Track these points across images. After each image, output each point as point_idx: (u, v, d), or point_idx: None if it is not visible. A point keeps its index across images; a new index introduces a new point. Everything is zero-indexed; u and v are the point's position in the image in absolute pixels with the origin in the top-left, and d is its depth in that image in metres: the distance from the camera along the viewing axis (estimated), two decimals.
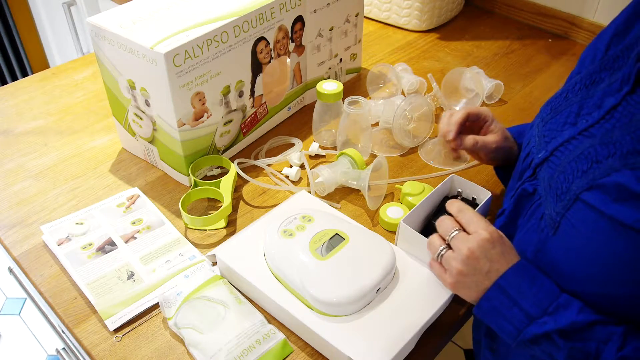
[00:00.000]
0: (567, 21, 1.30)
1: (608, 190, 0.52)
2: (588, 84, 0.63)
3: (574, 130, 0.60)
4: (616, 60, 0.61)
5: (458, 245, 0.62)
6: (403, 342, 0.62)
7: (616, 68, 0.60)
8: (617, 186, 0.51)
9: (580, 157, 0.57)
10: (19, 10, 2.17)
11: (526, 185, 0.65)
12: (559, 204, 0.57)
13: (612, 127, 0.56)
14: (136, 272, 0.75)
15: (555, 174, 0.59)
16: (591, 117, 0.59)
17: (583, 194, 0.54)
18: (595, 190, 0.53)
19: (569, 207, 0.55)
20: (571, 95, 0.64)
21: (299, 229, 0.71)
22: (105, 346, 0.67)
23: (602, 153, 0.54)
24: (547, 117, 0.66)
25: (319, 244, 0.69)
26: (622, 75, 0.58)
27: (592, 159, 0.55)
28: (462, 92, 1.07)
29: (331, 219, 0.73)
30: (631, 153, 0.51)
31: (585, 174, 0.55)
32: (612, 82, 0.59)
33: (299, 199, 0.80)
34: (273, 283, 0.68)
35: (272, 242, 0.70)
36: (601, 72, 0.62)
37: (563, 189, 0.57)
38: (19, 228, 0.82)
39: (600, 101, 0.59)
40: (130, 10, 0.83)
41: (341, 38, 1.08)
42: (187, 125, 0.83)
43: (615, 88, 0.58)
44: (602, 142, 0.55)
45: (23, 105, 1.07)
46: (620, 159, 0.52)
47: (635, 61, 0.57)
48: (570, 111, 0.63)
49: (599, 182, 0.53)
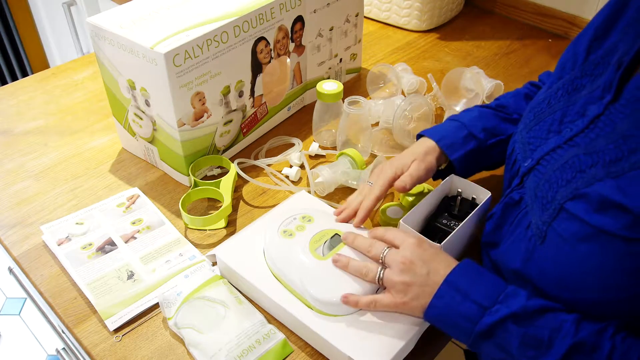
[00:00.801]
0: (567, 21, 1.30)
1: (590, 200, 0.52)
2: (570, 90, 0.63)
3: (559, 139, 0.61)
4: (597, 67, 0.61)
5: (392, 258, 0.63)
6: (403, 341, 0.62)
7: (597, 74, 0.60)
8: (599, 197, 0.51)
9: (565, 166, 0.57)
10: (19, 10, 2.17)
11: (514, 194, 0.65)
12: (545, 213, 0.57)
13: (596, 137, 0.56)
14: (136, 272, 0.75)
15: (540, 182, 0.60)
16: (575, 125, 0.60)
17: (567, 203, 0.55)
18: (579, 200, 0.54)
19: (554, 216, 0.56)
20: (554, 102, 0.64)
21: (298, 229, 0.71)
22: (105, 346, 0.67)
23: (585, 162, 0.55)
24: (531, 123, 0.66)
25: (319, 243, 0.69)
26: (603, 82, 0.58)
27: (576, 169, 0.56)
28: (462, 92, 1.07)
29: (331, 219, 0.73)
30: (613, 162, 0.52)
31: (570, 184, 0.55)
32: (593, 89, 0.60)
33: (299, 199, 0.80)
34: (273, 283, 0.68)
35: (272, 242, 0.70)
36: (582, 78, 0.62)
37: (548, 198, 0.58)
38: (19, 228, 0.82)
39: (583, 109, 0.60)
40: (130, 10, 0.83)
41: (341, 38, 1.08)
42: (187, 125, 0.83)
43: (597, 95, 0.59)
44: (586, 152, 0.56)
45: (23, 105, 1.07)
46: (603, 168, 0.53)
47: (615, 69, 0.57)
48: (554, 118, 0.63)
49: (582, 191, 0.53)
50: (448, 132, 0.77)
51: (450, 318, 0.59)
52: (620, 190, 0.50)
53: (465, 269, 0.61)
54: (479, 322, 0.57)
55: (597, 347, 0.52)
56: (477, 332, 0.57)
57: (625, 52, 0.57)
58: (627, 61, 0.56)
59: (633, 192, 0.49)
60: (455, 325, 0.59)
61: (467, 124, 0.77)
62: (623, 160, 0.51)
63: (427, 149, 0.76)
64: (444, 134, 0.77)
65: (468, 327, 0.57)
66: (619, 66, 0.57)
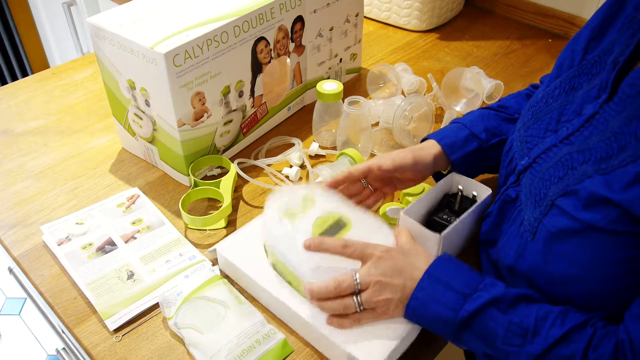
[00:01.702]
0: (567, 21, 1.30)
1: (579, 197, 0.53)
2: (567, 90, 0.63)
3: (555, 138, 0.61)
4: (594, 66, 0.62)
5: (365, 281, 0.61)
6: (401, 336, 0.62)
7: (594, 73, 0.61)
8: (588, 194, 0.52)
9: (558, 164, 0.58)
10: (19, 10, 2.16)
11: (510, 191, 0.66)
12: (537, 210, 0.58)
13: (590, 135, 0.57)
14: (136, 272, 0.75)
15: (534, 180, 0.60)
16: (571, 124, 0.60)
17: (558, 200, 0.56)
18: (569, 196, 0.55)
19: (545, 212, 0.57)
20: (551, 101, 0.65)
21: (300, 211, 0.70)
22: (105, 346, 0.67)
23: (577, 159, 0.56)
24: (529, 122, 0.67)
25: (322, 228, 0.68)
26: (599, 82, 0.59)
27: (568, 166, 0.56)
28: (462, 92, 1.07)
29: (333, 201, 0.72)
30: (604, 159, 0.53)
31: (562, 180, 0.56)
32: (590, 89, 0.60)
33: None
34: (273, 278, 0.69)
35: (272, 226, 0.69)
36: (580, 77, 0.63)
37: (541, 194, 0.58)
38: (19, 228, 0.82)
39: (580, 108, 0.60)
40: (130, 10, 0.83)
41: (341, 38, 1.08)
42: (187, 125, 0.83)
43: (593, 95, 0.59)
44: (579, 149, 0.56)
45: (23, 105, 1.07)
46: (594, 165, 0.53)
47: (611, 68, 0.57)
48: (551, 118, 0.64)
49: (572, 188, 0.54)
50: (449, 133, 0.77)
51: (432, 309, 0.59)
52: (607, 186, 0.51)
53: (444, 262, 0.61)
54: (460, 309, 0.57)
55: (582, 336, 0.53)
56: (459, 320, 0.57)
57: (621, 51, 0.57)
58: (623, 61, 0.56)
59: (619, 187, 0.50)
60: (437, 317, 0.59)
61: (468, 124, 0.77)
62: (613, 157, 0.52)
63: (425, 144, 0.77)
64: (446, 134, 0.77)
65: (450, 317, 0.57)
66: (615, 66, 0.57)
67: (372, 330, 0.63)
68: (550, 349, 0.53)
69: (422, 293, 0.59)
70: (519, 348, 0.55)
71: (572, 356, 0.52)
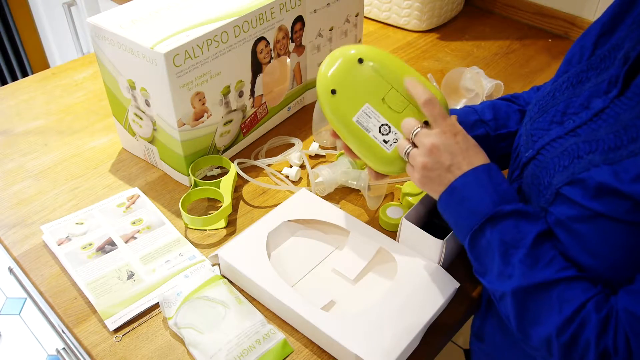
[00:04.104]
0: (567, 21, 1.30)
1: (586, 186, 0.53)
2: (575, 83, 0.64)
3: (561, 130, 0.61)
4: (603, 60, 0.62)
5: (421, 140, 0.63)
6: (409, 338, 0.63)
7: (603, 68, 0.61)
8: (595, 183, 0.52)
9: (564, 153, 0.58)
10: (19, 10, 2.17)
11: (514, 184, 0.66)
12: (541, 199, 0.58)
13: (598, 127, 0.57)
14: (136, 272, 0.75)
15: (537, 170, 0.61)
16: (578, 117, 0.60)
17: (563, 188, 0.56)
18: (575, 185, 0.54)
19: (551, 201, 0.57)
20: (558, 94, 0.65)
21: None
22: (105, 346, 0.67)
23: (584, 149, 0.56)
24: (535, 115, 0.67)
25: None
26: (609, 77, 0.59)
27: (574, 155, 0.56)
28: (462, 92, 1.07)
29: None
30: (612, 149, 0.53)
31: (566, 169, 0.56)
32: (599, 83, 0.60)
33: (300, 197, 0.80)
34: (278, 282, 0.69)
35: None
36: (588, 72, 0.63)
37: (545, 183, 0.59)
38: (19, 228, 0.82)
39: (587, 101, 0.60)
40: (130, 10, 0.83)
41: (341, 38, 1.08)
42: (187, 125, 0.83)
43: (602, 89, 0.59)
44: (586, 140, 0.56)
45: (23, 105, 1.07)
46: (601, 154, 0.53)
47: (622, 63, 0.57)
48: (557, 110, 0.63)
49: (578, 176, 0.54)
50: (459, 113, 0.77)
51: (474, 192, 0.60)
52: (616, 177, 0.51)
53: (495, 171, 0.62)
54: (500, 204, 0.58)
55: (584, 290, 0.54)
56: (495, 213, 0.58)
57: (632, 47, 0.57)
58: (634, 56, 0.56)
59: (629, 178, 0.50)
60: (474, 201, 0.59)
61: (479, 110, 0.78)
62: (622, 148, 0.52)
63: None
64: (456, 113, 0.77)
65: (487, 205, 0.58)
66: (626, 61, 0.57)
67: (379, 333, 0.63)
68: (553, 283, 0.54)
69: (468, 179, 0.61)
70: (529, 269, 0.55)
71: (571, 300, 0.53)
